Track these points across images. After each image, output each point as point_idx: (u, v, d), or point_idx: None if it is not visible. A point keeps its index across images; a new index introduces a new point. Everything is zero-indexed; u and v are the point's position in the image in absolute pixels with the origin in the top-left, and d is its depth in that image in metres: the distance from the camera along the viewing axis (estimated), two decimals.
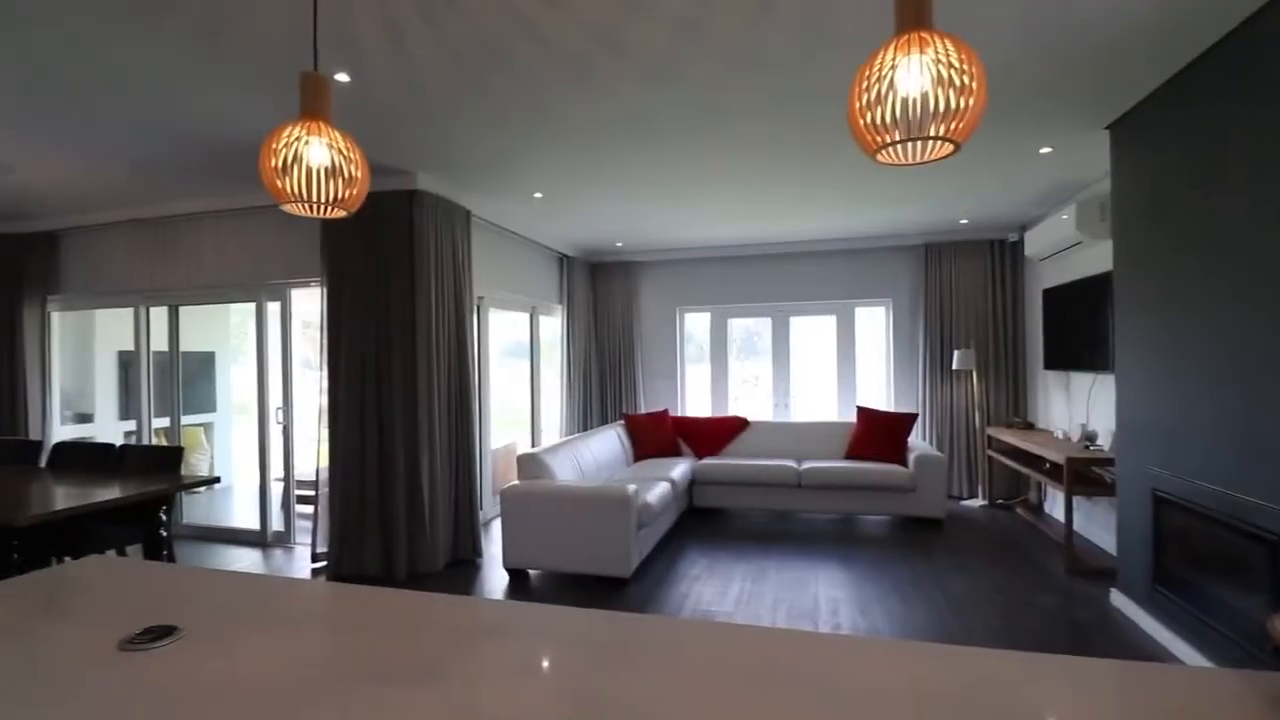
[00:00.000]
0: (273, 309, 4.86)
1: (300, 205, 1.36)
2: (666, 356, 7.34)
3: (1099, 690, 0.99)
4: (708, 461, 5.58)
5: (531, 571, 4.07)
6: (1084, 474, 4.12)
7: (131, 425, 6.40)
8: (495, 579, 4.05)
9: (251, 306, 4.95)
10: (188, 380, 5.89)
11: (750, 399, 7.39)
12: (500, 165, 4.02)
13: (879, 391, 6.80)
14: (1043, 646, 2.97)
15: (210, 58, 2.58)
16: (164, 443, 5.56)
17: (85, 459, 4.16)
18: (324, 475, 4.29)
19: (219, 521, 5.73)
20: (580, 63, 2.66)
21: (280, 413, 4.85)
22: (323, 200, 1.34)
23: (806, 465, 5.33)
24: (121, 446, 4.02)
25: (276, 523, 4.95)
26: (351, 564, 4.02)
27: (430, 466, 4.10)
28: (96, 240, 5.30)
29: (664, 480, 4.71)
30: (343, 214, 1.41)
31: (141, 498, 3.21)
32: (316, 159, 1.34)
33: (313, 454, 4.62)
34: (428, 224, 4.14)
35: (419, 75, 2.75)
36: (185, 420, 5.83)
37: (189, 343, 5.76)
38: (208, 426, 7.45)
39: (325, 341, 4.25)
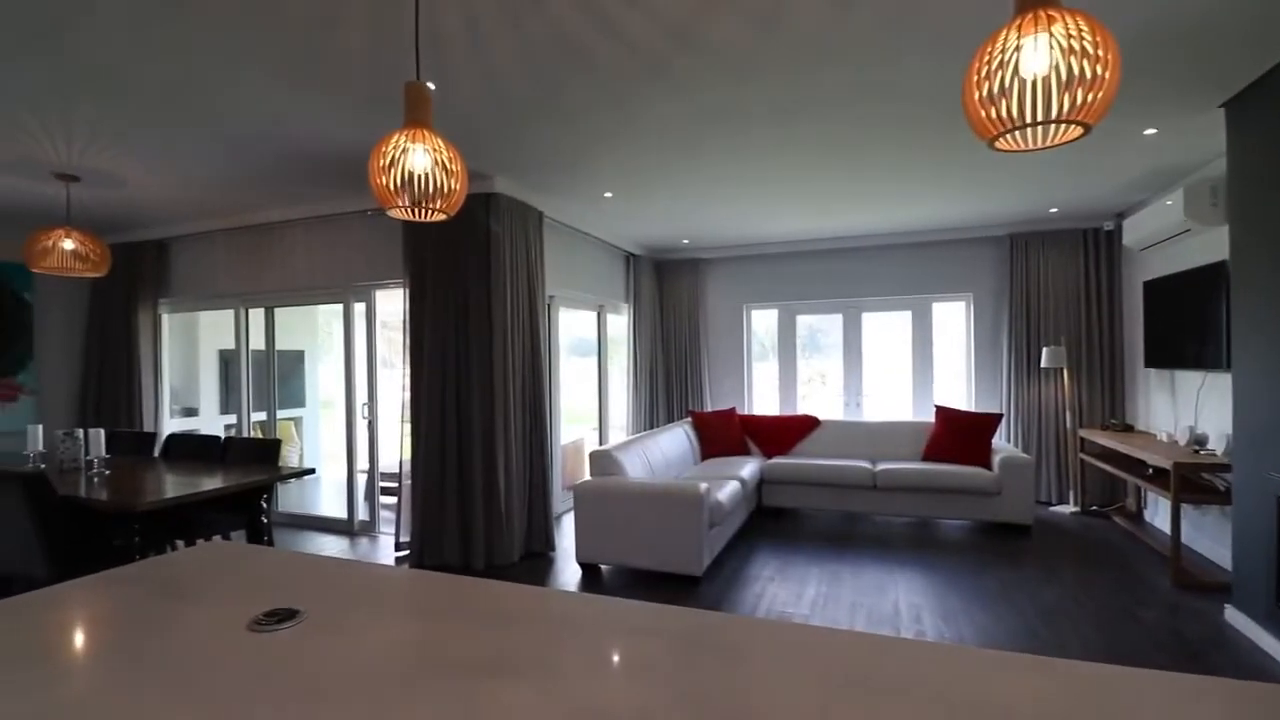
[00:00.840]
0: (358, 309, 5.11)
1: (405, 209, 1.42)
2: (732, 354, 7.27)
3: (1244, 710, 0.91)
4: (777, 461, 5.49)
5: (603, 567, 4.12)
6: (1193, 480, 3.81)
7: (231, 419, 6.87)
8: (568, 573, 4.13)
9: (338, 308, 5.21)
10: (281, 377, 6.27)
11: (816, 397, 7.23)
12: (573, 166, 4.08)
13: (957, 390, 6.51)
14: (1148, 664, 2.77)
15: (306, 75, 2.73)
16: (260, 435, 5.94)
17: (193, 449, 4.50)
18: (406, 468, 4.48)
19: (307, 510, 6.07)
20: (658, 60, 2.66)
21: (365, 408, 5.10)
22: (425, 204, 1.40)
23: (882, 466, 5.17)
24: (226, 439, 4.32)
25: (361, 513, 5.21)
26: (433, 554, 4.19)
27: (506, 461, 4.21)
28: (200, 247, 5.71)
29: (734, 479, 4.67)
30: (442, 216, 1.47)
31: (246, 487, 3.44)
32: (419, 165, 1.40)
33: (395, 448, 4.83)
34: (504, 226, 4.25)
35: (500, 81, 2.83)
36: (261, 416, 6.20)
37: (282, 342, 6.13)
38: (298, 420, 7.91)
39: (407, 339, 4.43)
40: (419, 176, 1.39)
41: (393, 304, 5.21)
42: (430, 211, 1.43)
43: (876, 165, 4.13)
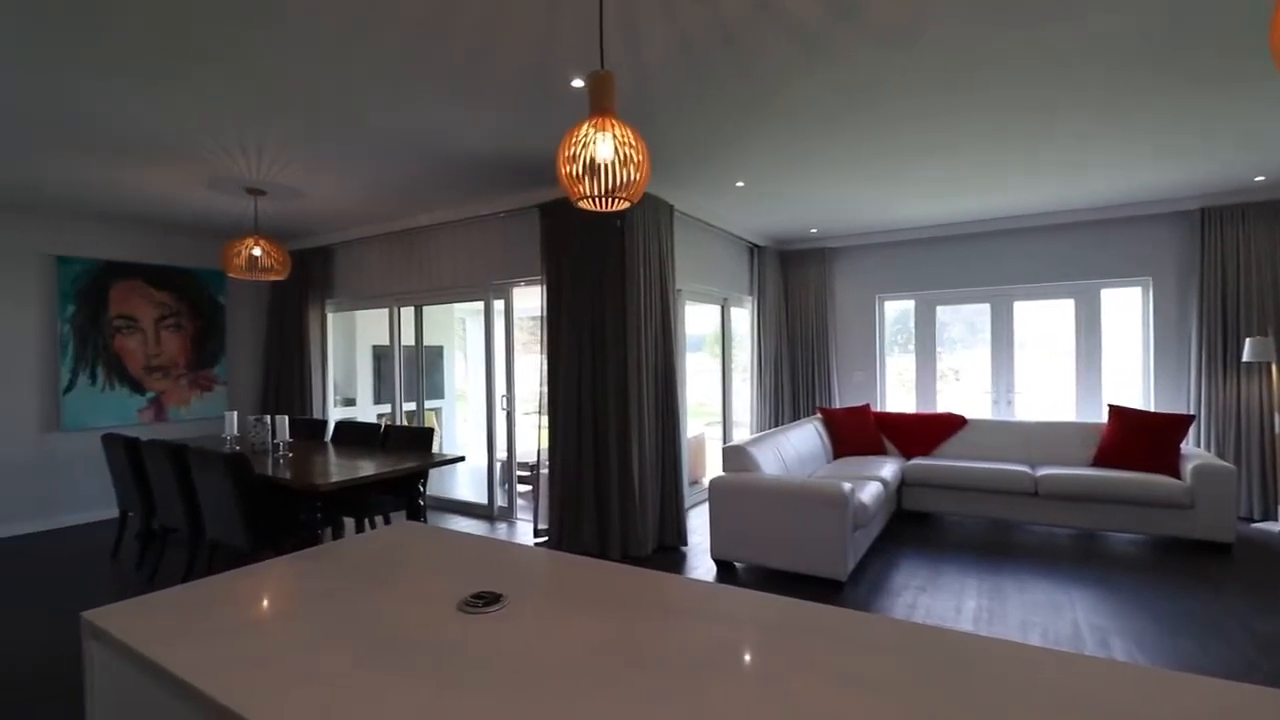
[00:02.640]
0: (497, 306, 5.36)
1: (591, 200, 1.43)
2: (864, 348, 6.91)
3: None
4: (921, 462, 5.14)
5: (737, 564, 4.04)
6: None
7: (382, 408, 7.49)
8: (702, 568, 4.09)
9: (471, 306, 5.50)
10: (415, 372, 6.74)
11: (947, 393, 6.70)
12: (706, 156, 4.01)
13: (1131, 388, 5.78)
14: None
15: (467, 86, 2.86)
16: (406, 424, 6.42)
17: (357, 436, 4.92)
18: (543, 457, 4.65)
19: (446, 494, 6.47)
20: (811, 35, 2.53)
21: (504, 400, 5.35)
22: (611, 193, 1.39)
23: (1044, 471, 4.68)
24: (387, 426, 4.69)
25: (500, 498, 5.47)
26: (571, 542, 4.31)
27: (640, 453, 4.24)
28: (359, 252, 6.25)
29: (875, 480, 4.42)
30: (626, 204, 1.46)
31: (411, 471, 3.71)
32: (603, 154, 1.39)
33: (530, 438, 5.03)
34: (639, 221, 4.27)
35: (648, 72, 2.81)
36: (411, 406, 6.66)
37: (424, 338, 6.57)
38: (437, 411, 8.50)
39: (545, 333, 4.58)
40: (603, 166, 1.39)
41: (528, 300, 5.43)
42: (614, 200, 1.43)
43: (1045, 137, 3.72)
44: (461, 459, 4.12)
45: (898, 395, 7.00)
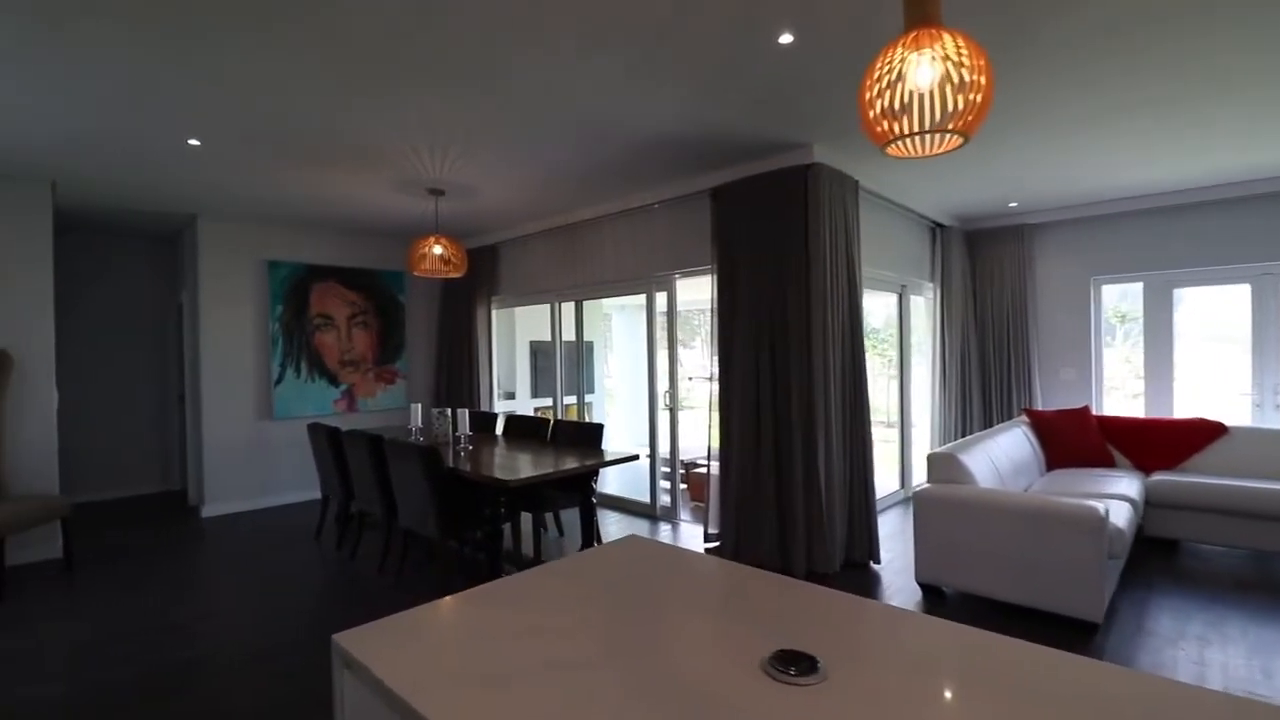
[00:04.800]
0: (659, 299, 5.17)
1: (906, 143, 1.09)
2: (1073, 340, 5.92)
3: None
4: (1168, 478, 4.23)
5: (946, 590, 3.51)
6: None
7: (539, 402, 7.65)
8: (903, 593, 3.59)
9: (624, 300, 5.34)
10: (573, 366, 6.76)
11: (1193, 394, 5.52)
12: None
13: None
14: None
15: (662, 50, 2.63)
16: (571, 418, 6.45)
17: (526, 429, 4.95)
18: (710, 456, 4.37)
19: (601, 489, 6.42)
20: None
21: (666, 396, 5.15)
22: (936, 128, 1.05)
23: None
24: (556, 421, 4.66)
25: (661, 497, 5.28)
26: (748, 552, 3.99)
27: (827, 456, 3.83)
28: (522, 249, 6.36)
29: (1120, 499, 3.66)
30: (957, 144, 1.12)
31: (590, 469, 3.59)
32: (923, 80, 1.05)
33: (690, 435, 4.78)
34: (823, 199, 3.85)
35: (866, 19, 2.41)
36: (569, 400, 6.69)
37: (571, 334, 6.56)
38: (588, 406, 8.58)
39: (715, 326, 4.30)
40: (922, 97, 1.05)
41: (686, 293, 5.18)
42: (939, 139, 1.09)
43: None
44: (635, 458, 3.95)
45: (1116, 396, 5.94)
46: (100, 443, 6.08)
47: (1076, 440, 4.84)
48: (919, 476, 5.86)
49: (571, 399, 6.28)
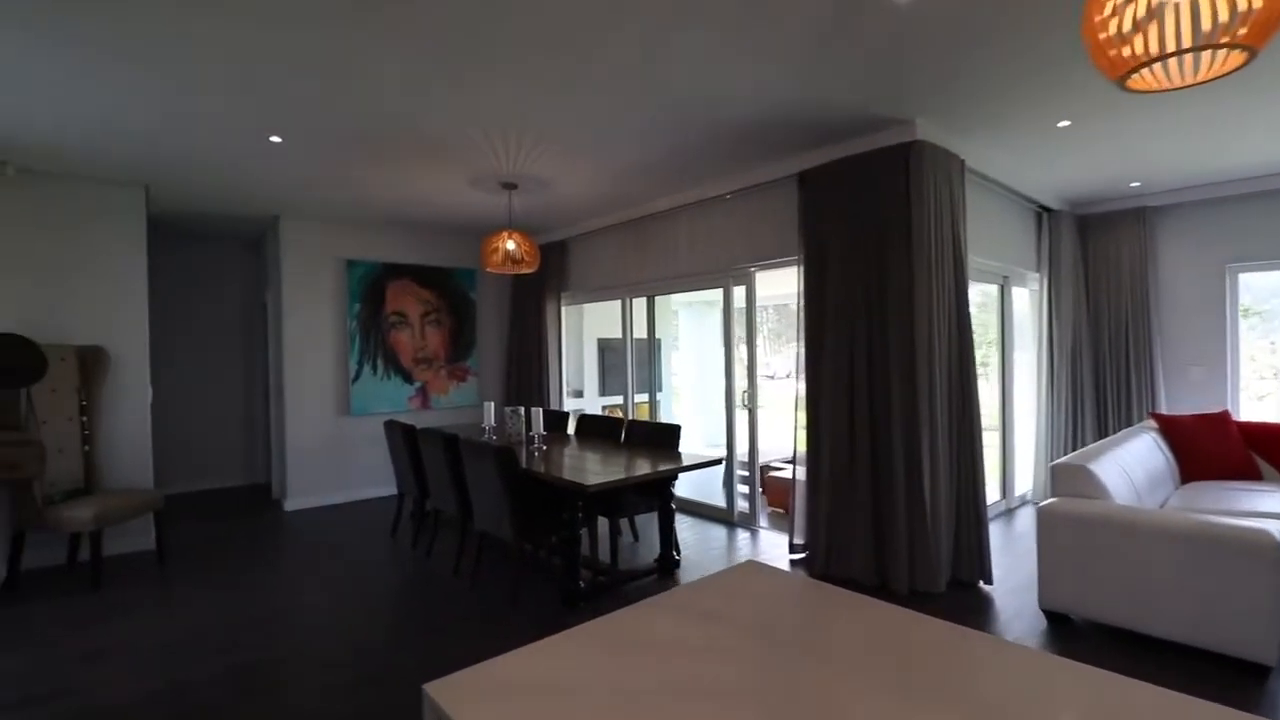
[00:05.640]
0: (737, 293, 4.90)
1: (1158, 69, 0.82)
2: (1204, 335, 5.28)
3: None
4: None
5: (1075, 619, 3.11)
6: None
7: (608, 400, 7.49)
8: (1022, 620, 3.20)
9: (694, 295, 5.09)
10: (643, 363, 6.56)
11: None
12: (1016, 88, 3.11)
13: None
14: None
15: (736, 35, 2.38)
16: (631, 418, 6.27)
17: (599, 429, 4.78)
18: (795, 460, 4.07)
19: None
20: None
21: (745, 395, 4.88)
22: (1202, 46, 0.77)
23: None
24: (630, 421, 4.48)
25: (739, 503, 5.02)
26: (840, 566, 3.69)
27: (931, 465, 3.48)
28: (592, 244, 6.21)
29: (1277, 519, 3.15)
30: (1239, 63, 0.83)
31: (671, 473, 3.39)
32: None
33: (789, 439, 4.49)
34: (926, 181, 3.50)
35: None
36: (640, 399, 6.49)
37: (642, 331, 6.37)
38: (654, 405, 8.38)
39: (803, 321, 4.00)
40: (1172, 7, 0.78)
41: (766, 287, 4.89)
42: (1214, 60, 0.81)
43: None
44: (719, 462, 3.71)
45: (1254, 400, 5.26)
46: (189, 437, 6.34)
47: (1216, 449, 4.27)
48: (1021, 486, 5.37)
49: (643, 397, 6.10)
